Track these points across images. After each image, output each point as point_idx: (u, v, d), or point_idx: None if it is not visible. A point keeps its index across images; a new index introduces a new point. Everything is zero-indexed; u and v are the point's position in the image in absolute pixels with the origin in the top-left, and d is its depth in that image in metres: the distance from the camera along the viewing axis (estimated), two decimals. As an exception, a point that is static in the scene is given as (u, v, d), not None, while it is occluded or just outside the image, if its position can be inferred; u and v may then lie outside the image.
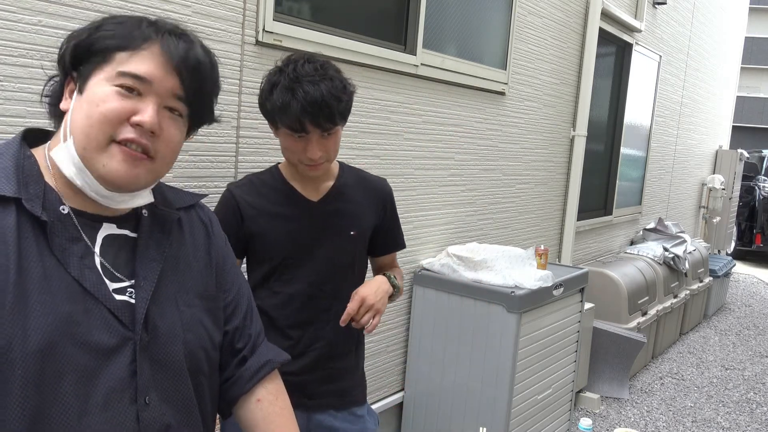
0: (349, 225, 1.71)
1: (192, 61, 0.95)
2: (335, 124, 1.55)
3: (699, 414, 3.99)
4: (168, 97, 0.95)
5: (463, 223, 3.33)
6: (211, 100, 1.03)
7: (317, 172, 1.63)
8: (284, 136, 1.58)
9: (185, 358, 0.99)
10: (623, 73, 5.19)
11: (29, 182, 0.91)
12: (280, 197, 1.68)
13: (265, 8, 2.08)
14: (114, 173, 0.91)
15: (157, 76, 0.93)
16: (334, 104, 1.51)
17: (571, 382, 3.27)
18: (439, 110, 3.01)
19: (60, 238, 0.91)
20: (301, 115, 1.49)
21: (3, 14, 1.49)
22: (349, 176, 1.77)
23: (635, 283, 4.48)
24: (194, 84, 0.96)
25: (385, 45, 2.62)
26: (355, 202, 1.74)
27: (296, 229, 1.66)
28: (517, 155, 3.76)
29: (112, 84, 0.91)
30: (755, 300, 7.35)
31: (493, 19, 3.37)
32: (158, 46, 0.93)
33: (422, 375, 2.94)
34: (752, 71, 22.69)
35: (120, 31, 0.94)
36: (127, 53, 0.92)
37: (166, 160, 0.98)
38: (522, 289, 2.71)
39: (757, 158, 10.49)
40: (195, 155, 1.96)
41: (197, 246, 1.09)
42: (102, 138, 0.90)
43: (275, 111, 1.53)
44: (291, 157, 1.61)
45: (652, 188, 6.15)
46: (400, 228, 1.90)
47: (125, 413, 0.91)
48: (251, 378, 1.14)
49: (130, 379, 0.92)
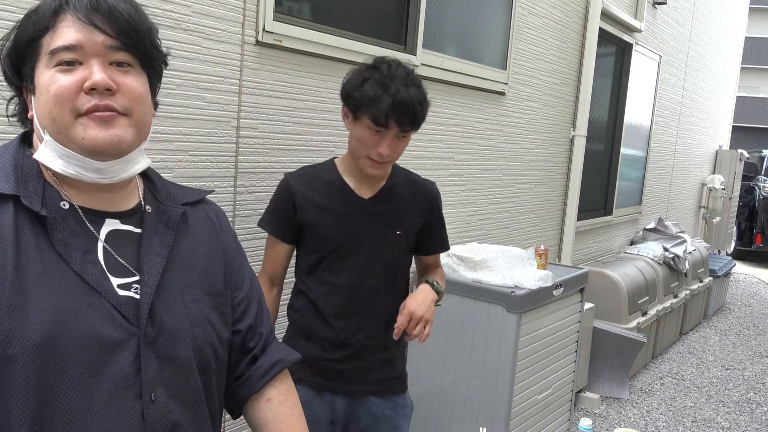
0: (396, 224, 1.77)
1: (105, 8, 0.93)
2: (413, 128, 1.66)
3: (699, 414, 3.99)
4: (107, 53, 0.93)
5: (463, 223, 3.33)
6: (150, 36, 0.99)
7: (380, 172, 1.70)
8: (361, 128, 1.64)
9: (194, 354, 0.99)
10: (623, 73, 5.19)
11: (28, 180, 0.92)
12: (333, 192, 1.74)
13: (265, 8, 2.08)
14: (93, 140, 0.91)
15: (83, 38, 0.91)
16: (418, 109, 1.62)
17: (571, 382, 3.27)
18: (439, 110, 3.01)
19: (62, 233, 0.91)
20: (389, 111, 1.58)
21: (3, 14, 1.49)
22: (401, 177, 1.83)
23: (635, 283, 4.48)
24: (120, 28, 0.93)
25: (385, 45, 2.62)
26: (404, 203, 1.80)
27: (346, 224, 1.72)
28: (517, 155, 3.76)
29: (51, 66, 0.91)
30: (755, 300, 7.36)
31: (493, 19, 3.37)
32: (70, 12, 0.92)
33: (422, 375, 2.94)
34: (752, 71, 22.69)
35: (33, 18, 0.94)
36: (49, 34, 0.92)
37: (140, 111, 0.96)
38: (522, 289, 2.71)
39: (757, 158, 10.49)
40: (195, 155, 1.96)
41: (203, 242, 1.09)
42: (66, 116, 0.90)
43: (364, 102, 1.60)
44: (360, 151, 1.66)
45: (652, 188, 6.15)
46: (445, 230, 1.94)
47: (130, 410, 0.91)
48: (261, 377, 1.13)
49: (135, 375, 0.91)
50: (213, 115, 2.00)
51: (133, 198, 1.02)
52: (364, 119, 1.63)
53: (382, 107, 1.58)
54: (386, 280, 1.77)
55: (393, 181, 1.80)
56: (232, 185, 2.09)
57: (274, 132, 2.19)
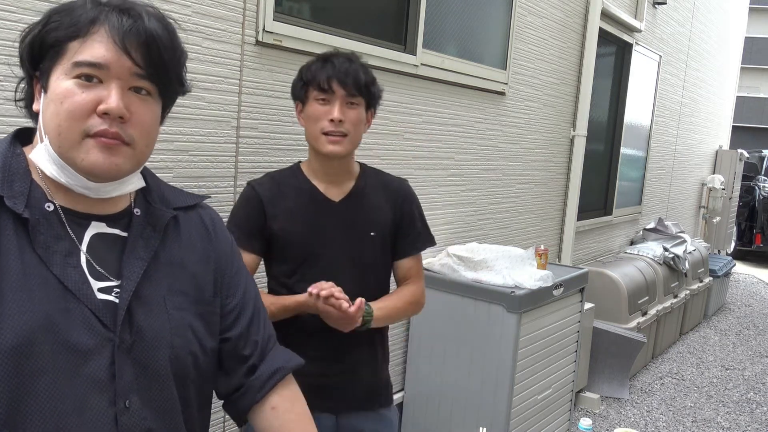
0: (369, 226, 1.72)
1: (143, 36, 0.91)
2: (359, 93, 1.64)
3: (699, 414, 3.99)
4: (130, 78, 0.92)
5: (463, 223, 3.33)
6: (177, 70, 0.99)
7: (339, 147, 1.63)
8: (311, 106, 1.64)
9: (170, 363, 0.97)
10: (623, 73, 5.19)
11: (15, 180, 0.91)
12: (302, 196, 1.69)
13: (265, 8, 2.08)
14: (93, 165, 0.90)
15: (111, 58, 0.90)
16: (361, 74, 1.64)
17: (571, 382, 3.27)
18: (439, 110, 3.01)
19: (44, 235, 0.90)
20: (331, 75, 1.61)
21: (3, 14, 1.49)
22: (371, 177, 1.79)
23: (635, 283, 4.48)
24: (151, 59, 0.92)
25: (385, 45, 2.62)
26: (376, 204, 1.75)
27: (317, 229, 1.66)
28: (517, 155, 3.76)
29: (71, 77, 0.90)
30: (755, 300, 7.36)
31: (493, 19, 3.37)
32: (106, 27, 0.90)
33: (422, 375, 2.94)
34: (752, 71, 22.68)
35: (66, 20, 0.91)
36: (78, 41, 0.90)
37: (144, 143, 0.96)
38: (522, 289, 2.71)
39: (757, 158, 10.49)
40: (195, 155, 1.96)
41: (194, 247, 1.06)
42: (74, 135, 0.90)
43: (308, 78, 1.64)
44: (314, 129, 1.64)
45: (652, 188, 6.15)
46: (419, 230, 1.84)
47: (103, 416, 0.89)
48: (262, 387, 1.11)
49: (109, 381, 0.90)
50: (213, 115, 2.00)
51: (123, 201, 1.01)
52: (311, 95, 1.64)
53: (324, 74, 1.61)
54: (361, 285, 1.67)
55: (363, 182, 1.75)
56: (232, 185, 2.09)
57: (274, 132, 2.19)
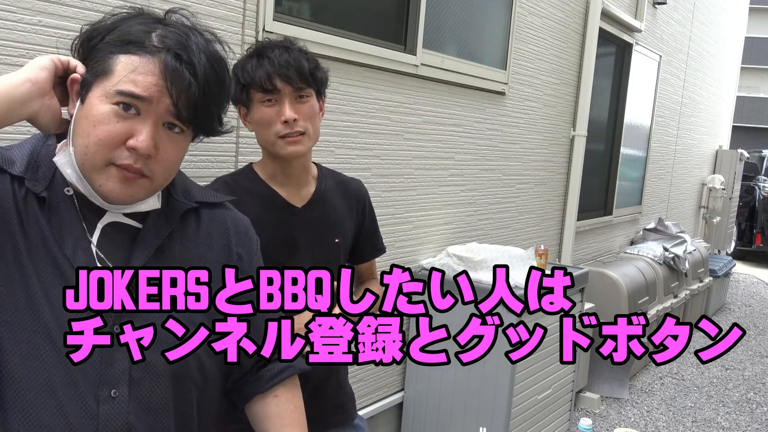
0: (333, 232, 1.64)
1: (190, 71, 0.91)
2: (307, 84, 1.49)
3: (699, 414, 3.99)
4: (167, 115, 0.93)
5: (463, 223, 3.33)
6: (219, 113, 1.00)
7: (299, 147, 1.50)
8: (258, 109, 1.50)
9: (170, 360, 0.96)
10: (623, 73, 5.19)
11: (41, 166, 0.94)
12: (263, 203, 1.56)
13: (265, 8, 2.08)
14: (110, 193, 0.93)
15: (155, 95, 0.90)
16: (304, 63, 1.48)
17: (571, 382, 3.27)
18: (439, 110, 3.01)
19: (59, 216, 0.93)
20: (271, 72, 1.45)
21: (3, 14, 1.49)
22: (329, 180, 1.68)
23: (635, 283, 4.47)
24: (193, 103, 0.93)
25: (385, 45, 2.62)
26: (338, 208, 1.66)
27: (282, 236, 1.56)
28: (517, 155, 3.76)
29: (110, 102, 0.90)
30: (755, 300, 7.36)
31: (493, 19, 3.37)
32: (159, 63, 0.91)
33: (422, 375, 2.94)
34: (752, 71, 22.68)
35: (117, 39, 0.92)
36: (125, 66, 0.90)
37: (164, 177, 0.97)
38: (522, 289, 2.71)
39: (757, 158, 10.49)
40: (195, 155, 1.96)
41: (211, 246, 1.06)
42: (99, 161, 0.91)
43: (247, 79, 1.47)
44: (268, 134, 1.50)
45: (652, 188, 6.15)
46: (379, 232, 1.80)
47: (84, 399, 0.90)
48: (272, 378, 1.14)
49: (100, 366, 0.91)
50: (213, 115, 2.00)
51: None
52: (254, 97, 1.49)
53: (263, 71, 1.46)
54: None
55: (323, 186, 1.65)
56: (232, 185, 2.09)
57: (274, 132, 2.19)
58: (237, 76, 1.49)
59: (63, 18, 1.59)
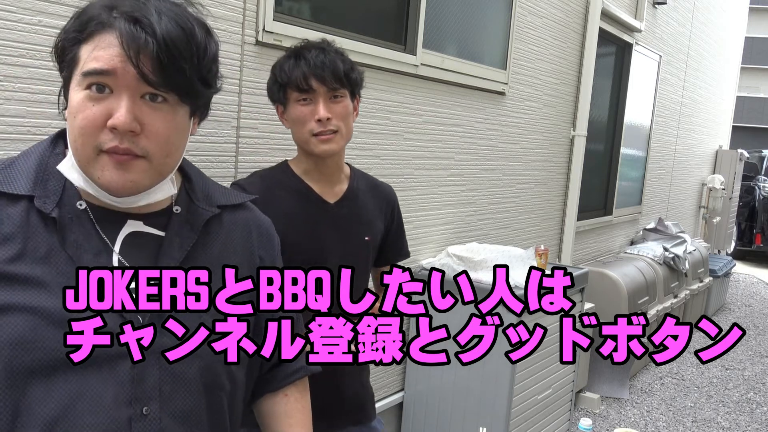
0: (363, 230, 1.68)
1: (150, 36, 0.85)
2: (341, 84, 1.55)
3: (699, 414, 3.99)
4: (140, 85, 0.86)
5: (463, 223, 3.33)
6: (199, 72, 0.91)
7: (332, 145, 1.56)
8: (294, 108, 1.56)
9: (200, 372, 0.94)
10: (623, 73, 5.19)
11: (49, 179, 0.90)
12: (297, 197, 1.61)
13: (265, 8, 2.08)
14: (109, 183, 0.88)
15: (117, 66, 0.84)
16: (339, 64, 1.54)
17: (571, 382, 3.27)
18: (439, 110, 3.01)
19: (75, 234, 0.88)
20: (307, 72, 1.51)
21: (3, 14, 1.49)
22: (361, 180, 1.74)
23: (635, 283, 4.47)
24: (163, 66, 0.86)
25: (385, 45, 2.62)
26: (368, 207, 1.70)
27: (314, 231, 1.60)
28: (517, 155, 3.76)
29: (83, 88, 0.87)
30: (755, 300, 7.36)
31: (493, 19, 3.37)
32: (115, 33, 0.85)
33: (422, 375, 2.94)
34: (752, 71, 22.68)
35: (76, 24, 0.88)
36: (89, 47, 0.86)
37: (162, 153, 0.90)
38: (522, 289, 2.71)
39: (757, 158, 10.48)
40: (195, 155, 1.96)
41: (234, 251, 1.03)
42: (89, 151, 0.87)
43: (284, 78, 1.54)
44: (303, 132, 1.56)
45: (652, 188, 6.15)
46: (405, 237, 1.85)
47: (117, 419, 0.87)
48: (284, 379, 1.14)
49: (130, 384, 0.88)
50: (213, 115, 1.99)
51: (164, 199, 0.98)
52: (290, 96, 1.55)
53: (300, 72, 1.52)
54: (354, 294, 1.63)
55: (355, 184, 1.70)
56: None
57: (274, 132, 2.19)
58: (275, 75, 1.58)
59: (63, 18, 1.58)
